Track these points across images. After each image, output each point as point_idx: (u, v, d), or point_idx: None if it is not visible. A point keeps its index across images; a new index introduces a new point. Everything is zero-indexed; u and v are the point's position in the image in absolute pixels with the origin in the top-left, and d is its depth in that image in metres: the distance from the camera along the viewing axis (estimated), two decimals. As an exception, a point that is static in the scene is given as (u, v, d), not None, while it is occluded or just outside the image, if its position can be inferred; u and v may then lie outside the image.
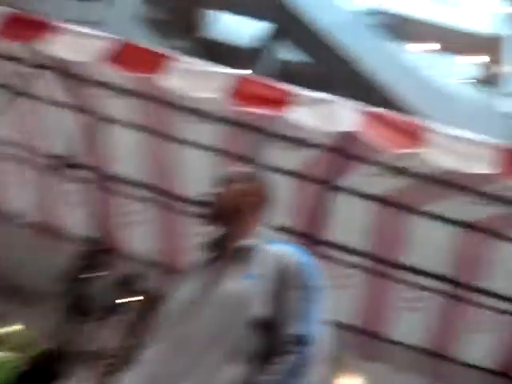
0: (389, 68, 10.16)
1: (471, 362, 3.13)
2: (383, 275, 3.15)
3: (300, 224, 3.06)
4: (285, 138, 2.54)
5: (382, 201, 2.90)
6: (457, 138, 2.17)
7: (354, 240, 3.05)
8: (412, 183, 2.63)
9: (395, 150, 2.10)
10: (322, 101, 2.15)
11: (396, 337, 3.28)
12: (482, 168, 2.09)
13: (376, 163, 2.53)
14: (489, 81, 12.10)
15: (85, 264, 3.29)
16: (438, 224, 2.85)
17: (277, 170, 2.87)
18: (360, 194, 2.90)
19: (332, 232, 3.01)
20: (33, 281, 5.33)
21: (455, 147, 2.09)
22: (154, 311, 2.57)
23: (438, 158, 2.08)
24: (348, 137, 2.32)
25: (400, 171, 2.58)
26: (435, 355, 3.19)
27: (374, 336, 3.33)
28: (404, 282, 3.16)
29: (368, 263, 3.11)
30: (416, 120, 2.17)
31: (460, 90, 10.90)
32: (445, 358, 3.17)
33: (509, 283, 2.81)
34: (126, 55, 2.23)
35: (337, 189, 2.84)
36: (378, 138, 2.14)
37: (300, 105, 2.11)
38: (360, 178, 2.75)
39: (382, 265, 3.07)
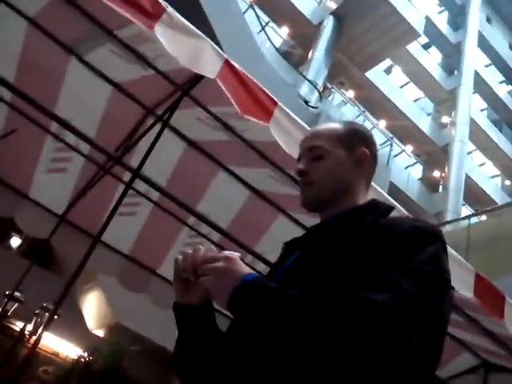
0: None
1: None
2: (171, 214, 3.22)
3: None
4: (134, 52, 2.30)
5: (195, 146, 2.93)
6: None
7: (154, 174, 3.00)
8: (232, 142, 2.71)
9: (241, 112, 2.11)
10: (193, 33, 1.99)
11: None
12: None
13: (211, 114, 2.50)
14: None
15: None
16: (234, 183, 3.03)
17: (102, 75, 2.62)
18: (179, 133, 2.86)
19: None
20: None
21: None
22: None
23: (275, 133, 2.18)
24: (198, 79, 2.24)
25: (227, 127, 2.63)
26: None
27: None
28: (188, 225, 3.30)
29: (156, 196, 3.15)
30: (270, 96, 2.20)
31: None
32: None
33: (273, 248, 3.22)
34: None
35: (160, 120, 2.71)
36: (230, 93, 2.11)
37: (170, 26, 1.90)
38: (186, 118, 2.69)
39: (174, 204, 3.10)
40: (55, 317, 5.49)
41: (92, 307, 6.85)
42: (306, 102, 10.76)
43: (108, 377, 3.16)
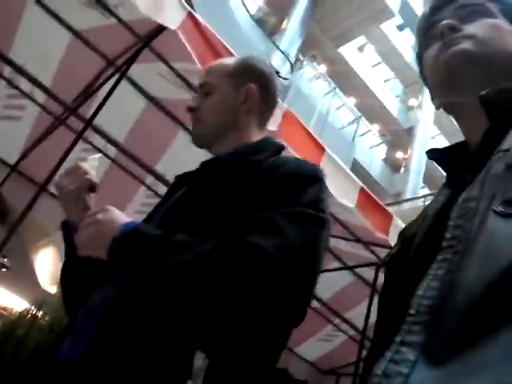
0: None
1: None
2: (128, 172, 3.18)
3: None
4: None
5: (155, 103, 2.87)
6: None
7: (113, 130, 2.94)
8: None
9: (203, 68, 2.07)
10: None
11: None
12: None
13: (172, 69, 2.45)
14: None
15: None
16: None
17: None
18: (140, 88, 2.79)
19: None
20: None
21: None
22: None
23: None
24: (160, 30, 2.18)
25: (188, 85, 2.58)
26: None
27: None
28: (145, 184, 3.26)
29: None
30: (233, 54, 2.16)
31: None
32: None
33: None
34: None
35: (119, 71, 2.63)
36: (191, 48, 2.06)
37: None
38: (148, 73, 2.63)
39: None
40: (3, 269, 5.38)
41: (45, 264, 6.73)
42: (277, 73, 10.67)
43: (56, 331, 3.12)
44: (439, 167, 0.67)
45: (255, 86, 1.03)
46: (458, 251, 0.42)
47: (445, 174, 0.66)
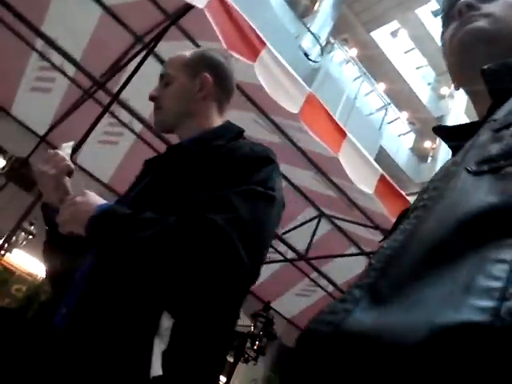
0: None
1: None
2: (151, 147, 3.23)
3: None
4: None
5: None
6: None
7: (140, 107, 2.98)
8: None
9: (227, 47, 2.09)
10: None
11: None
12: None
13: (197, 46, 2.47)
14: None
15: None
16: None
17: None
18: (162, 61, 2.82)
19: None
20: None
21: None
22: None
23: (259, 73, 2.18)
24: (188, 9, 2.20)
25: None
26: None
27: None
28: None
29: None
30: (259, 35, 2.18)
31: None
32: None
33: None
34: None
35: (146, 47, 2.67)
36: (217, 27, 2.08)
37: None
38: (175, 51, 2.65)
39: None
40: (30, 236, 5.57)
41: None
42: (307, 55, 10.56)
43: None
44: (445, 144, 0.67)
45: (210, 75, 1.11)
46: (428, 208, 0.42)
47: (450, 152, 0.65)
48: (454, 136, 0.62)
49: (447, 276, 0.32)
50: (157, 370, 0.76)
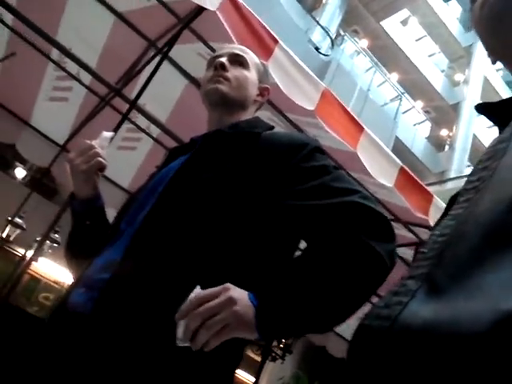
0: None
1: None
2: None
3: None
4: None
5: (197, 84, 2.92)
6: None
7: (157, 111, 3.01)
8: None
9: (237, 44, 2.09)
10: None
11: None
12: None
13: (212, 49, 2.48)
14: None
15: None
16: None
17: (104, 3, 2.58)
18: (180, 68, 2.85)
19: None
20: None
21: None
22: None
23: (273, 71, 2.17)
24: (199, 11, 2.21)
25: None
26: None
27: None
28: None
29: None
30: (271, 33, 2.18)
31: None
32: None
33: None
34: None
35: (160, 52, 2.69)
36: (230, 28, 2.09)
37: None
38: (188, 53, 2.67)
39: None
40: (55, 244, 5.66)
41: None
42: (317, 49, 10.50)
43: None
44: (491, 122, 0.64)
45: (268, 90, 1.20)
46: (479, 189, 0.41)
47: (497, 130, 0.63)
48: (498, 112, 0.58)
49: (509, 259, 0.30)
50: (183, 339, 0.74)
